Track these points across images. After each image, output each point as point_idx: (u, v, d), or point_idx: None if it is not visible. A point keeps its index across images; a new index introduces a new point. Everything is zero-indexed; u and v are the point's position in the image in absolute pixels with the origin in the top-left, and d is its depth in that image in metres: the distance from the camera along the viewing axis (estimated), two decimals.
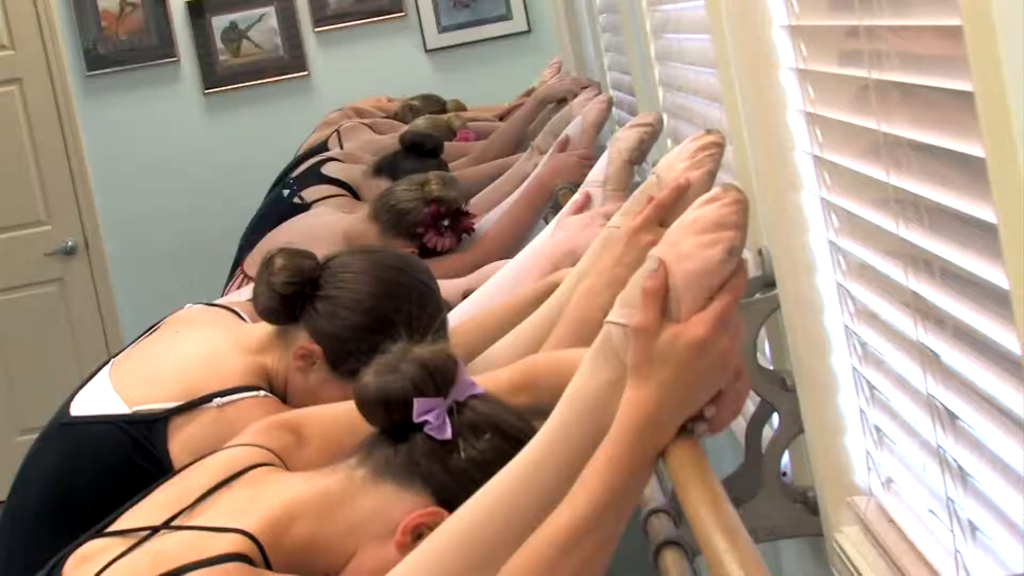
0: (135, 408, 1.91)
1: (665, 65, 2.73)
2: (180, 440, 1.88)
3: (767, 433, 1.76)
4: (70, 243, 5.84)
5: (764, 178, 1.68)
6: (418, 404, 1.48)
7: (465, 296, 2.40)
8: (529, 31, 5.85)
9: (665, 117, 2.66)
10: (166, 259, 5.71)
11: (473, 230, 3.12)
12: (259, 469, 1.53)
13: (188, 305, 2.21)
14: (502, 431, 1.53)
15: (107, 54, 5.79)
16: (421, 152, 3.83)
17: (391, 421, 1.51)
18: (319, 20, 5.80)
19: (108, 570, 1.38)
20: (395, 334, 1.69)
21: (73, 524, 1.72)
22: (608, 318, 1.47)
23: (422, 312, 1.92)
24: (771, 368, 1.79)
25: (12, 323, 5.83)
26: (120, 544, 1.42)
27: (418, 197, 3.02)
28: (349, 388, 1.65)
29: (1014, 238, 0.93)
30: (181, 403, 1.90)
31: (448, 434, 1.49)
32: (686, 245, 1.43)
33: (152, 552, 1.39)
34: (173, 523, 1.44)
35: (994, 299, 1.08)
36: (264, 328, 2.02)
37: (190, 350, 2.02)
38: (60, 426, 1.97)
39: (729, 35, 1.71)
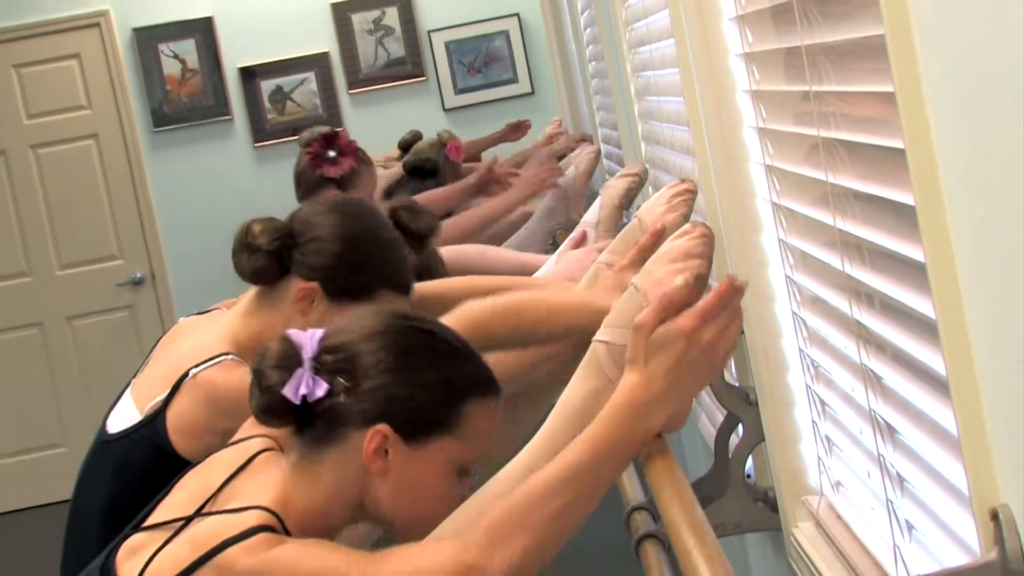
0: (143, 411, 1.91)
1: (647, 123, 2.73)
2: (172, 423, 1.86)
3: (733, 441, 1.75)
4: (139, 275, 5.88)
5: (730, 221, 1.68)
6: (288, 390, 1.41)
7: None
8: (532, 93, 5.86)
9: (648, 169, 2.67)
10: (222, 288, 5.68)
11: (356, 148, 3.16)
12: (264, 455, 1.49)
13: (182, 318, 2.21)
14: (362, 336, 1.47)
15: (171, 113, 5.83)
16: (423, 174, 3.85)
17: (291, 418, 1.45)
18: (352, 83, 5.84)
19: (155, 559, 1.37)
20: (370, 249, 1.76)
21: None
22: (595, 336, 1.47)
23: (383, 225, 1.97)
24: (736, 385, 1.79)
25: (90, 344, 5.87)
26: (161, 535, 1.41)
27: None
28: (348, 310, 1.66)
29: (940, 275, 0.93)
30: (169, 389, 1.89)
31: (324, 386, 1.42)
32: (659, 273, 1.44)
33: (190, 538, 1.38)
34: (203, 512, 1.43)
35: (925, 328, 1.08)
36: (248, 298, 1.99)
37: (183, 347, 2.00)
38: (102, 444, 1.96)
39: (700, 98, 1.72)
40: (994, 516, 0.90)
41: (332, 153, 3.02)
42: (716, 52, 1.64)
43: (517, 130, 4.82)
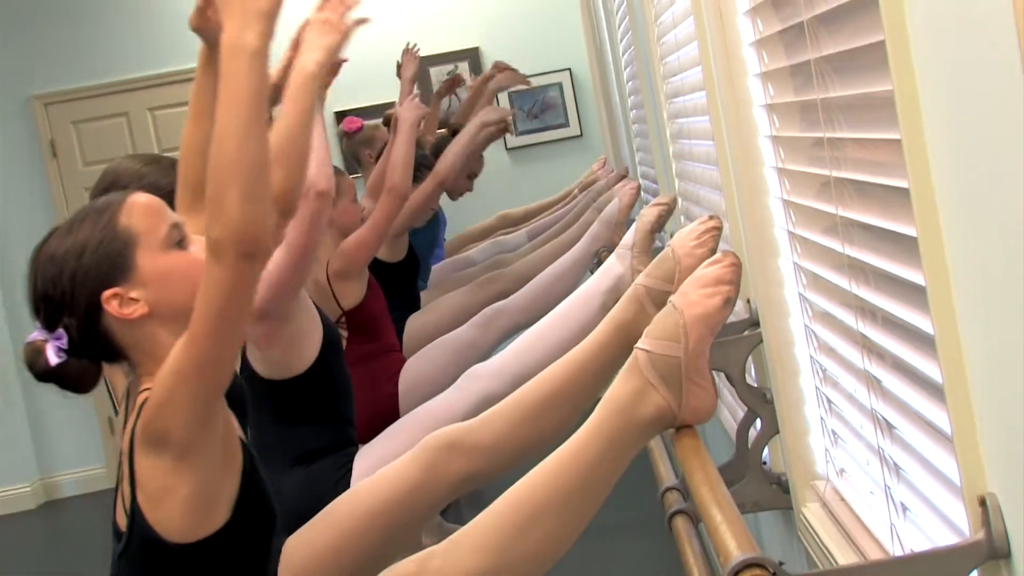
0: None
1: (680, 162, 2.72)
2: None
3: (752, 433, 1.75)
4: None
5: (752, 247, 1.67)
6: (50, 361, 1.40)
7: None
8: (581, 135, 5.86)
9: (680, 200, 2.66)
10: None
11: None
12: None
13: None
14: (64, 267, 1.42)
15: None
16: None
17: (78, 367, 1.43)
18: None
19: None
20: None
21: None
22: (637, 344, 1.47)
23: None
24: (756, 386, 1.78)
25: None
26: None
27: None
28: None
29: (938, 297, 0.92)
30: None
31: (61, 340, 1.41)
32: (694, 296, 1.43)
33: None
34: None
35: (922, 341, 1.07)
36: None
37: None
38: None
39: (727, 142, 1.71)
40: (982, 503, 0.89)
41: None
42: (742, 103, 1.64)
43: (452, 85, 4.80)
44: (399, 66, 4.10)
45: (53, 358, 1.40)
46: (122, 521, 1.39)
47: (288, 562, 1.71)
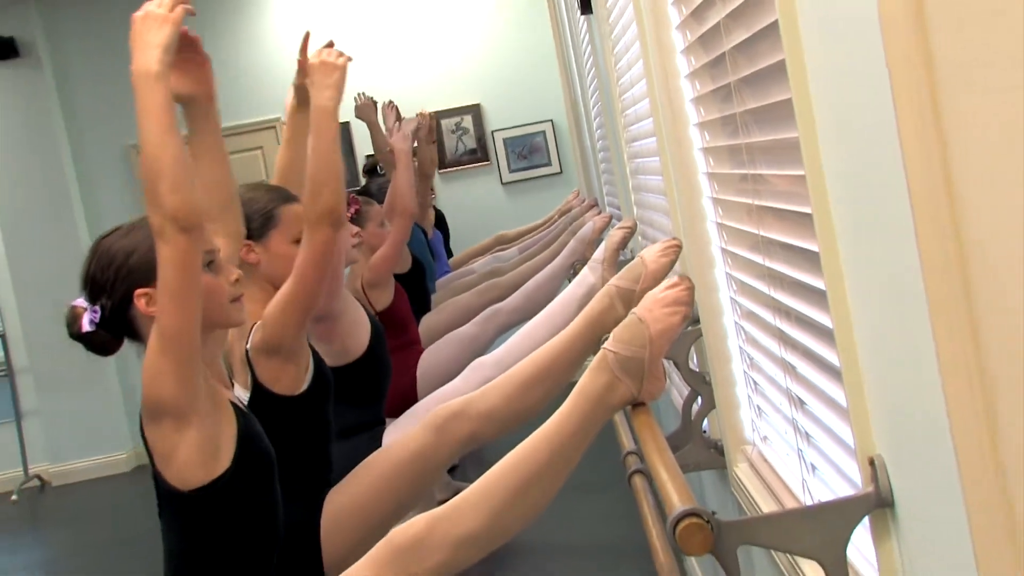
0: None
1: (638, 193, 2.73)
2: None
3: (695, 408, 1.75)
4: None
5: (694, 260, 1.67)
6: (83, 327, 1.41)
7: None
8: (561, 172, 5.87)
9: (638, 224, 2.66)
10: None
11: (359, 199, 3.03)
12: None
13: None
14: (114, 260, 1.42)
15: None
16: (375, 172, 3.93)
17: (103, 337, 1.42)
18: (441, 166, 5.86)
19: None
20: None
21: None
22: (605, 345, 1.46)
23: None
24: (697, 370, 1.78)
25: None
26: None
27: None
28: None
29: (836, 298, 0.92)
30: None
31: (96, 314, 1.41)
32: (658, 312, 1.42)
33: None
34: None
35: (824, 334, 1.07)
36: None
37: None
38: None
39: (673, 177, 1.72)
40: (871, 462, 0.89)
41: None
42: (684, 146, 1.64)
43: (429, 131, 4.50)
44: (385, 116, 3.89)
45: (86, 326, 1.41)
46: (154, 484, 1.39)
47: (328, 509, 1.70)
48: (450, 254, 4.89)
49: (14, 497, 5.60)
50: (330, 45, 1.85)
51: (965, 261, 0.61)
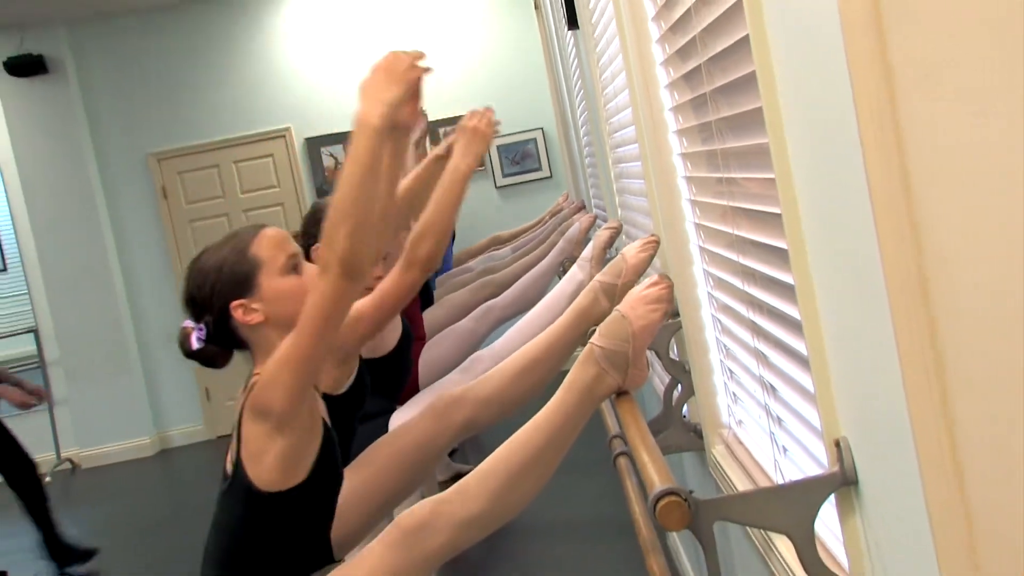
0: None
1: (622, 195, 2.72)
2: None
3: (675, 395, 1.75)
4: None
5: (673, 258, 1.67)
6: (192, 345, 1.42)
7: None
8: (551, 176, 5.86)
9: (623, 224, 2.66)
10: None
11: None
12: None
13: None
14: (207, 278, 1.42)
15: (327, 191, 5.83)
16: None
17: (212, 351, 1.44)
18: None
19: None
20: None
21: None
22: (592, 340, 1.46)
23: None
24: (677, 359, 1.78)
25: None
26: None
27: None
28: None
29: (804, 292, 0.92)
30: None
31: (202, 331, 1.42)
32: (640, 310, 1.42)
33: None
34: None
35: (794, 326, 1.07)
36: None
37: None
38: None
39: (654, 181, 1.71)
40: (837, 444, 0.89)
41: None
42: (664, 152, 1.64)
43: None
44: None
45: (195, 343, 1.41)
46: (228, 468, 1.38)
47: None
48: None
49: (48, 479, 5.59)
50: (489, 110, 1.86)
51: (922, 258, 0.61)
